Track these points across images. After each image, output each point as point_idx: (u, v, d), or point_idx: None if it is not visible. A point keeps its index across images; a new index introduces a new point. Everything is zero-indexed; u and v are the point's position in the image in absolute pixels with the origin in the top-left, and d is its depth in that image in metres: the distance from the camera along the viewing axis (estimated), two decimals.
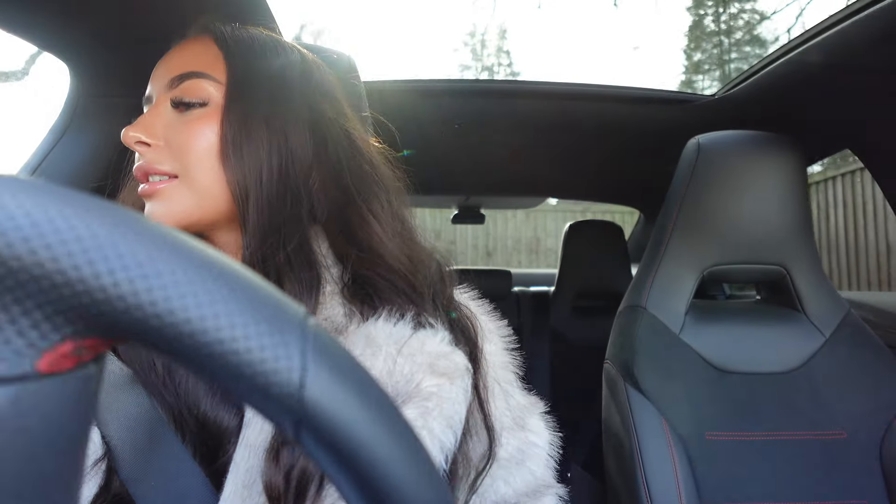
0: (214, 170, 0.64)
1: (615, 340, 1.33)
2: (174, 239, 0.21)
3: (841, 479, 1.15)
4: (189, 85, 0.66)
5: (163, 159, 0.64)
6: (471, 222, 3.07)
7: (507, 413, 0.69)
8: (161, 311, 0.20)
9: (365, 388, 0.23)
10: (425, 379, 0.58)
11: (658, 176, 2.06)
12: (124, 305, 0.20)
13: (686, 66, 18.71)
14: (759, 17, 17.54)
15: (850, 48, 1.13)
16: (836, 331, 1.27)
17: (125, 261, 0.20)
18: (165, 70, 0.68)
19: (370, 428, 0.22)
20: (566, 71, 25.53)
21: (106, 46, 0.96)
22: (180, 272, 0.20)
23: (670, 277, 1.31)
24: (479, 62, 19.98)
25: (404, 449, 0.23)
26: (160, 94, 0.67)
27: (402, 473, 0.23)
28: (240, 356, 0.21)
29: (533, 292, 2.76)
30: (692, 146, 1.30)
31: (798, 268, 1.29)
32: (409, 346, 0.59)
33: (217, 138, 0.64)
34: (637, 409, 1.18)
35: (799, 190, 1.26)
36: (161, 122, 0.65)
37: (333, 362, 0.22)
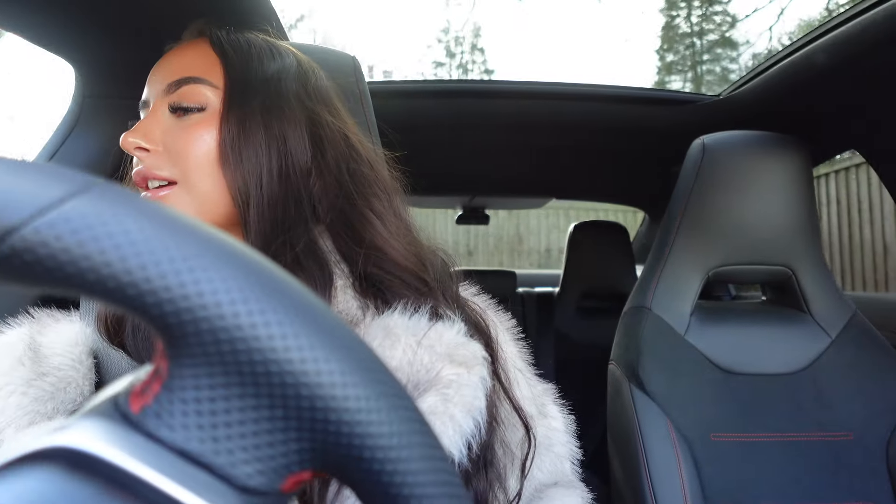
0: (214, 175, 0.65)
1: (620, 341, 1.33)
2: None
3: (847, 481, 1.14)
4: (187, 90, 0.66)
5: (162, 165, 0.65)
6: (475, 223, 3.07)
7: (530, 402, 0.71)
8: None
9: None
10: (445, 368, 0.59)
11: (663, 176, 2.06)
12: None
13: (659, 67, 18.84)
14: (730, 20, 17.73)
15: (855, 48, 1.13)
16: (842, 332, 1.27)
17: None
18: (162, 75, 0.68)
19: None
20: (541, 69, 25.54)
21: (111, 47, 0.96)
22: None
23: (675, 278, 1.30)
24: (452, 59, 19.80)
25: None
26: (157, 99, 0.67)
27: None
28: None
29: (538, 293, 2.75)
30: (697, 146, 1.30)
31: (804, 269, 1.29)
32: (427, 336, 0.61)
33: (216, 143, 0.65)
34: (642, 410, 1.18)
35: (805, 191, 1.26)
36: (159, 128, 0.65)
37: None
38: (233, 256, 0.21)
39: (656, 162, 2.10)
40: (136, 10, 0.87)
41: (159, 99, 0.67)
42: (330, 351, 0.21)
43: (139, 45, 0.96)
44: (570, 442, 0.75)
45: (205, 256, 0.20)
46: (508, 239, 9.46)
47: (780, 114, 1.49)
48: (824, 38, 1.20)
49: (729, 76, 17.55)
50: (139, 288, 0.19)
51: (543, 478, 0.70)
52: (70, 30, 0.90)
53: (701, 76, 17.86)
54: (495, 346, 0.69)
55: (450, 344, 0.61)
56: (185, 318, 0.20)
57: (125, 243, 0.19)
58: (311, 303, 0.22)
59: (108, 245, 0.19)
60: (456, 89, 1.66)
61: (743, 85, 1.54)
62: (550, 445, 0.72)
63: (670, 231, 1.32)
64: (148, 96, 0.68)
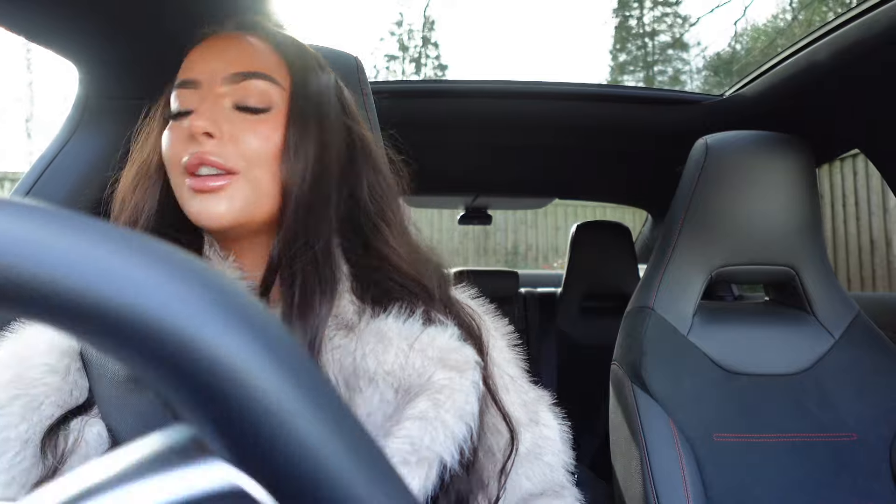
0: (273, 171, 0.67)
1: (622, 342, 1.33)
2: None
3: (850, 482, 1.14)
4: (254, 85, 0.67)
5: (227, 154, 0.65)
6: (478, 223, 3.07)
7: (521, 408, 0.71)
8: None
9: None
10: (437, 373, 0.60)
11: (666, 177, 2.06)
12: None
13: (612, 67, 19.06)
14: (681, 21, 17.94)
15: (859, 48, 1.13)
16: (845, 332, 1.26)
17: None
18: (221, 61, 0.68)
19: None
20: (495, 65, 25.60)
21: (115, 47, 0.97)
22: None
23: (678, 278, 1.30)
24: (406, 53, 19.77)
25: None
26: (216, 87, 0.67)
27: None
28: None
29: (540, 293, 2.75)
30: (700, 147, 1.30)
31: (807, 269, 1.28)
32: (420, 341, 0.62)
33: (280, 142, 0.67)
34: (644, 410, 1.18)
35: (808, 191, 1.25)
36: (223, 117, 0.65)
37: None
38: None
39: (659, 162, 2.10)
40: (139, 9, 0.88)
41: (219, 86, 0.67)
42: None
43: (143, 44, 0.96)
44: (562, 451, 0.74)
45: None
46: (474, 235, 9.23)
47: (784, 114, 1.48)
48: (827, 38, 1.19)
49: (680, 77, 17.78)
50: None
51: (531, 487, 0.70)
52: (73, 29, 0.90)
53: (653, 76, 18.13)
54: (486, 350, 0.69)
55: (442, 348, 0.62)
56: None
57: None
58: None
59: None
60: (458, 89, 1.66)
61: (746, 85, 1.54)
62: (541, 454, 0.71)
63: (673, 231, 1.32)
64: (199, 77, 0.67)
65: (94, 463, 0.22)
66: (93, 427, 0.58)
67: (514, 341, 0.77)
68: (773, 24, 15.22)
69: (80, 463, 0.55)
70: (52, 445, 0.54)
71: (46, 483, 0.52)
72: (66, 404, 0.59)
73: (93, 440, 0.57)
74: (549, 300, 2.69)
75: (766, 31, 15.26)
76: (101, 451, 0.56)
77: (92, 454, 0.56)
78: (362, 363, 0.62)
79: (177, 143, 0.66)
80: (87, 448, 0.56)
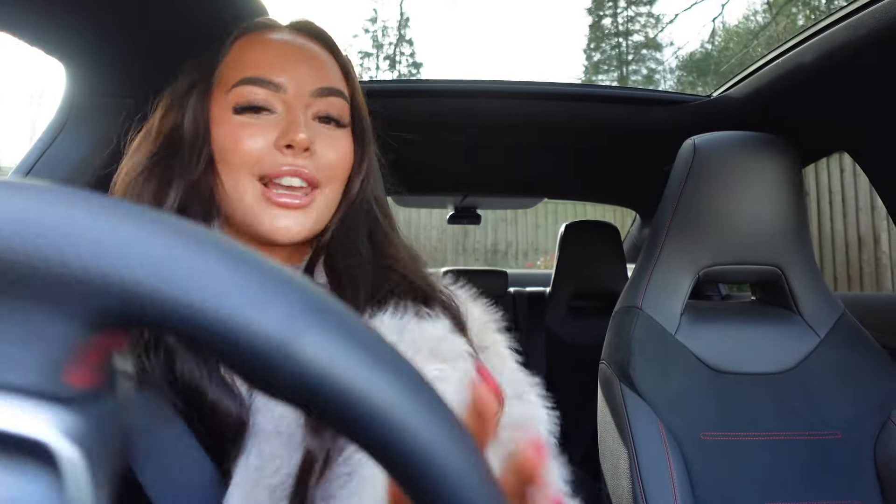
0: (339, 188, 0.70)
1: (611, 341, 1.33)
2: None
3: (835, 480, 1.15)
4: (335, 102, 0.70)
5: (318, 168, 0.67)
6: (467, 223, 3.08)
7: (507, 386, 0.71)
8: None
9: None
10: (427, 363, 0.60)
11: (654, 177, 2.07)
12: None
13: (586, 67, 19.28)
14: (654, 21, 18.13)
15: (845, 50, 1.14)
16: (830, 331, 1.28)
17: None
18: (311, 74, 0.69)
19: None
20: (470, 64, 25.68)
21: (102, 45, 0.96)
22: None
23: (666, 278, 1.31)
24: (380, 50, 19.78)
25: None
26: (301, 99, 0.68)
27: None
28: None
29: (529, 292, 2.76)
30: (688, 147, 1.30)
31: (793, 268, 1.30)
32: (410, 332, 0.62)
33: (351, 161, 0.71)
34: (632, 409, 1.19)
35: (794, 191, 1.26)
36: (313, 131, 0.67)
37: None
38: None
39: (647, 162, 2.11)
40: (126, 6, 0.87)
41: (304, 99, 0.68)
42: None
43: (130, 42, 0.96)
44: (549, 424, 0.74)
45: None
46: (453, 232, 9.15)
47: (770, 114, 1.49)
48: (814, 39, 1.20)
49: (653, 77, 17.95)
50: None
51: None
52: (60, 27, 0.89)
53: (627, 76, 18.30)
54: (466, 331, 0.71)
55: (433, 338, 0.62)
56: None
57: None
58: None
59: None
60: (446, 89, 1.66)
61: (734, 86, 1.55)
62: (527, 423, 0.72)
63: (661, 231, 1.33)
64: (284, 82, 0.67)
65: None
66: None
67: (503, 325, 0.78)
68: (745, 26, 15.39)
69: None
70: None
71: None
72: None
73: None
74: (537, 299, 2.70)
75: (738, 32, 15.48)
76: None
77: None
78: None
79: (252, 141, 0.65)
80: None
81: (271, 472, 0.55)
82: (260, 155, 0.65)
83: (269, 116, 0.66)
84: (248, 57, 0.68)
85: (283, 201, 0.64)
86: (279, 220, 0.64)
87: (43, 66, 5.21)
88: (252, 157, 0.65)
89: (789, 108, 1.44)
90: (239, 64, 0.68)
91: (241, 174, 0.65)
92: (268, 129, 0.65)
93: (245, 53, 0.69)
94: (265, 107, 0.66)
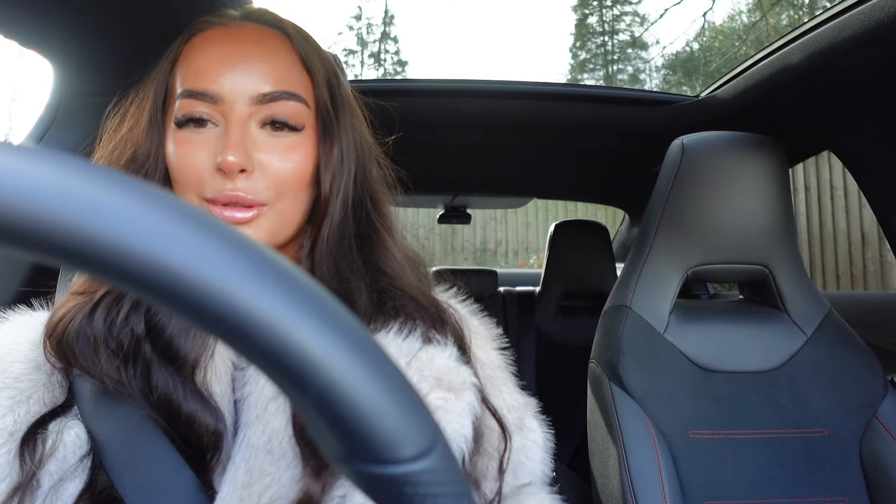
0: (300, 196, 0.64)
1: (600, 340, 1.34)
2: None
3: (822, 477, 1.16)
4: (284, 107, 0.62)
5: (259, 189, 0.61)
6: (457, 222, 3.08)
7: (507, 413, 0.70)
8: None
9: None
10: (432, 392, 0.59)
11: (643, 176, 2.08)
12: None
13: (572, 65, 19.29)
14: (640, 20, 18.17)
15: (832, 50, 1.15)
16: (817, 330, 1.29)
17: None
18: (250, 79, 0.61)
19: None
20: (456, 60, 25.61)
21: (89, 43, 0.95)
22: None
23: (655, 277, 1.32)
24: (365, 48, 19.59)
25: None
26: (242, 108, 0.61)
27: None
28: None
29: (519, 292, 2.76)
30: (676, 147, 1.31)
31: (780, 268, 1.31)
32: (418, 358, 0.61)
33: (311, 166, 0.64)
34: (622, 408, 1.19)
35: (781, 191, 1.27)
36: (251, 145, 0.61)
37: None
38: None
39: (636, 162, 2.12)
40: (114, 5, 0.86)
41: (246, 108, 0.61)
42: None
43: (118, 40, 0.95)
44: (545, 460, 0.73)
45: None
46: (441, 231, 8.95)
47: (757, 114, 1.51)
48: (801, 39, 1.21)
49: (639, 76, 17.99)
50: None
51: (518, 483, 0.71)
52: (47, 25, 0.89)
53: (613, 75, 18.34)
54: (470, 355, 0.69)
55: (440, 368, 0.61)
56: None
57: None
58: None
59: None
60: (436, 88, 1.66)
61: (721, 86, 1.56)
62: (525, 459, 0.72)
63: (650, 230, 1.33)
64: (221, 92, 0.60)
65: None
66: (71, 429, 0.56)
67: (502, 343, 0.76)
68: (730, 26, 15.48)
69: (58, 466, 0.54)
70: (30, 449, 0.53)
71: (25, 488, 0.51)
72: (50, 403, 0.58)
73: (70, 443, 0.55)
74: (527, 299, 2.70)
75: (723, 31, 15.57)
76: (78, 455, 0.55)
77: (70, 457, 0.55)
78: None
79: (191, 161, 0.60)
80: (64, 451, 0.55)
81: (260, 490, 0.54)
82: (201, 176, 0.60)
83: (210, 130, 0.61)
84: (190, 62, 0.63)
85: (228, 215, 0.60)
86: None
87: (18, 60, 5.13)
88: (194, 178, 0.60)
89: (776, 109, 1.45)
90: (183, 71, 0.63)
91: (189, 195, 0.61)
92: (207, 146, 0.60)
93: (188, 58, 0.63)
94: (201, 117, 0.61)
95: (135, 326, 0.58)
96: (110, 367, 0.56)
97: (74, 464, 0.55)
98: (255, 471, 0.55)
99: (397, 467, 0.22)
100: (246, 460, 0.55)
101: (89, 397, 0.58)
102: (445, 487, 0.23)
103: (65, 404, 0.59)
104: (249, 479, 0.54)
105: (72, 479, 0.54)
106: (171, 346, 0.58)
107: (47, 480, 0.53)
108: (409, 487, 0.22)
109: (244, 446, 0.56)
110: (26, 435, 0.54)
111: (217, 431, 0.56)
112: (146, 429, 0.56)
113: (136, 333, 0.57)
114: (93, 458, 0.56)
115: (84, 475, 0.55)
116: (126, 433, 0.56)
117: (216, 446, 0.56)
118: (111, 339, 0.57)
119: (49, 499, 0.53)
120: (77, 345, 0.57)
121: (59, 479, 0.53)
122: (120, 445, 0.56)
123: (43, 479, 0.53)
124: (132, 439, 0.56)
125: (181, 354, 0.58)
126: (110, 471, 0.55)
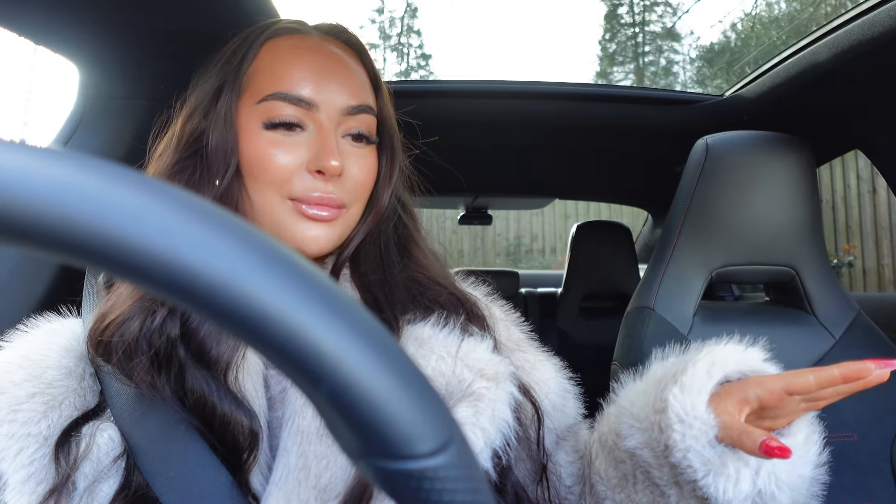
0: (363, 203, 0.72)
1: (623, 342, 1.32)
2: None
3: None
4: (366, 120, 0.70)
5: (344, 193, 0.68)
6: (478, 223, 3.08)
7: (545, 391, 0.78)
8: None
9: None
10: (476, 381, 0.63)
11: (666, 176, 2.06)
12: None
13: (601, 58, 18.96)
14: (672, 10, 17.83)
15: (859, 47, 1.13)
16: (845, 332, 1.26)
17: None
18: (343, 92, 0.68)
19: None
20: (481, 54, 25.26)
21: (115, 46, 0.96)
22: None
23: (678, 278, 1.30)
24: (387, 41, 19.45)
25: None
26: (333, 118, 0.67)
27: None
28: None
29: (540, 293, 2.75)
30: (700, 147, 1.30)
31: (807, 269, 1.28)
32: (461, 350, 0.65)
33: (376, 171, 0.72)
34: None
35: (808, 191, 1.25)
36: (340, 152, 0.67)
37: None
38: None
39: (660, 162, 2.10)
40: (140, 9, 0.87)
41: (336, 117, 0.67)
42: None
43: (143, 44, 0.96)
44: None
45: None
46: (470, 227, 8.69)
47: (784, 113, 1.48)
48: (828, 37, 1.19)
49: (672, 68, 17.63)
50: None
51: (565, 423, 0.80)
52: (73, 29, 0.90)
53: (644, 67, 18.02)
54: (500, 345, 0.73)
55: (480, 359, 0.65)
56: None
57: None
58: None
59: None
60: (458, 89, 1.66)
61: (746, 85, 1.54)
62: (566, 401, 0.83)
63: (673, 231, 1.32)
64: (317, 100, 0.66)
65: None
66: (104, 431, 0.57)
67: (520, 322, 0.82)
68: (769, 13, 15.04)
69: (92, 468, 0.55)
70: (65, 452, 0.54)
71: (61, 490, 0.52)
72: (82, 407, 0.59)
73: (104, 444, 0.57)
74: (549, 300, 2.69)
75: (761, 20, 14.95)
76: (112, 456, 0.56)
77: (103, 459, 0.56)
78: None
79: (279, 161, 0.65)
80: (98, 453, 0.56)
81: (318, 472, 0.56)
82: (290, 176, 0.65)
83: (300, 135, 0.66)
84: (278, 67, 0.67)
85: (313, 215, 0.65)
86: (310, 231, 0.65)
87: (33, 60, 5.26)
88: (282, 177, 0.65)
89: (803, 107, 1.43)
90: (269, 73, 0.66)
91: (270, 192, 0.65)
92: (298, 148, 0.65)
93: (275, 62, 0.67)
94: (297, 124, 0.66)
95: (170, 331, 0.59)
96: (145, 372, 0.58)
97: (108, 465, 0.56)
98: (309, 454, 0.57)
99: (414, 462, 0.22)
100: (298, 444, 0.57)
101: (123, 401, 0.59)
102: (463, 483, 0.23)
103: (97, 408, 0.60)
104: (305, 461, 0.56)
105: (106, 479, 0.55)
106: (203, 349, 0.60)
107: (82, 482, 0.54)
108: (427, 483, 0.22)
109: (294, 432, 0.58)
110: (60, 438, 0.55)
111: (253, 431, 0.58)
112: (180, 430, 0.58)
113: (171, 338, 0.59)
114: (127, 459, 0.57)
115: (118, 476, 0.56)
116: (160, 434, 0.57)
117: (252, 446, 0.57)
118: (146, 345, 0.58)
119: (84, 500, 0.54)
120: (115, 351, 0.59)
121: (93, 480, 0.55)
122: (154, 446, 0.57)
123: (78, 481, 0.54)
124: (166, 440, 0.57)
125: (214, 357, 0.60)
126: (144, 471, 0.56)
